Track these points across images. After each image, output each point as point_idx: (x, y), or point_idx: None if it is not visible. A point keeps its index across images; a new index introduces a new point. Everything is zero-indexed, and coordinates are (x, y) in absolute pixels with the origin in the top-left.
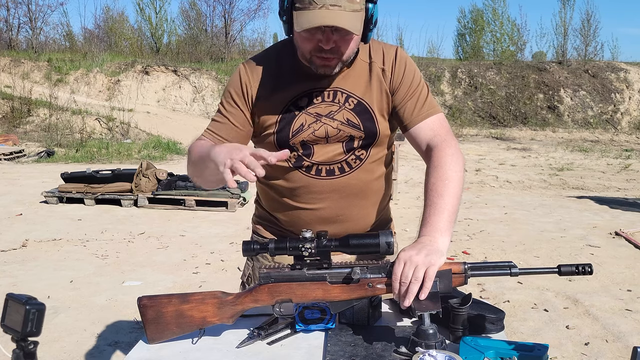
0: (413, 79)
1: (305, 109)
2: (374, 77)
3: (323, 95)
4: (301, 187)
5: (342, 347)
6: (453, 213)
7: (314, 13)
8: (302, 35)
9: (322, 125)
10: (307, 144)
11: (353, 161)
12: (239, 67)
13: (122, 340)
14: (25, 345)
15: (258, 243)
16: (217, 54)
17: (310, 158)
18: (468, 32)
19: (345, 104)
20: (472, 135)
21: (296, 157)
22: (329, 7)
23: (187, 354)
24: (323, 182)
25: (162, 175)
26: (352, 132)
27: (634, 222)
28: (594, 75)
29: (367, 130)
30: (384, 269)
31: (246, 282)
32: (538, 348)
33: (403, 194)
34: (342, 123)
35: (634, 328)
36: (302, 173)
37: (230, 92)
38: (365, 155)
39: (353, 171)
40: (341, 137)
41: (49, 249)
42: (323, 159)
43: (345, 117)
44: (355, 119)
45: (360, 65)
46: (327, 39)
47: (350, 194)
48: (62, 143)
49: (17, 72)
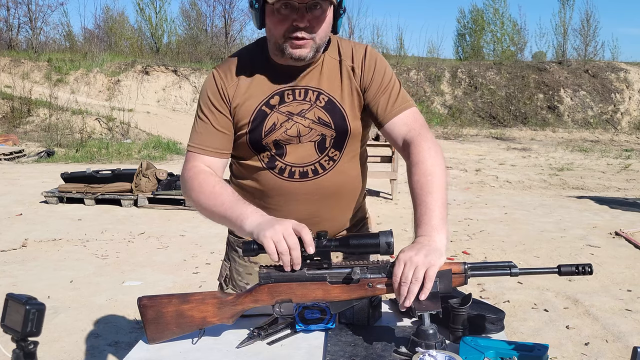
0: (384, 76)
1: (276, 108)
2: (344, 75)
3: (294, 93)
4: (273, 189)
5: (342, 347)
6: (443, 208)
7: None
8: (276, 17)
9: (294, 124)
10: (280, 143)
11: (326, 162)
12: (212, 73)
13: (122, 340)
14: (25, 345)
15: (257, 243)
16: (217, 54)
17: (282, 158)
18: (468, 32)
19: (316, 102)
20: (472, 135)
21: (269, 157)
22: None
23: (187, 354)
24: (296, 185)
25: (162, 175)
26: (323, 131)
27: (634, 222)
28: (594, 75)
29: (338, 127)
30: (384, 269)
31: (223, 283)
32: (538, 348)
33: (403, 194)
34: (314, 121)
35: (634, 328)
36: (275, 175)
37: (208, 97)
38: (339, 156)
39: (326, 173)
40: (313, 135)
41: (49, 249)
42: (296, 160)
43: (317, 115)
44: (326, 116)
45: (329, 63)
46: (302, 17)
47: (323, 195)
48: (62, 143)
49: (17, 72)
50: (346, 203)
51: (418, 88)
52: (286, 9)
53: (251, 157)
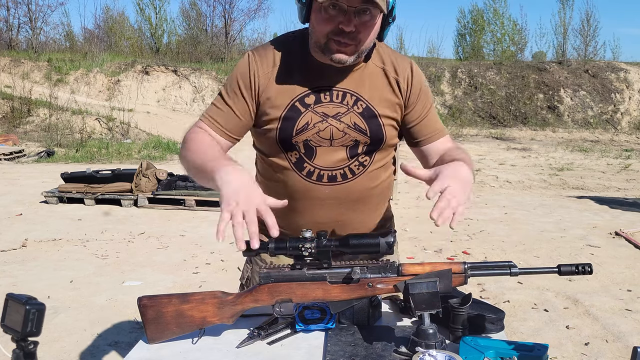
0: (428, 99)
1: (311, 107)
2: (386, 85)
3: (332, 94)
4: (299, 192)
5: (342, 347)
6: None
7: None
8: (322, 15)
9: (328, 125)
10: (310, 144)
11: (356, 167)
12: (248, 55)
13: (122, 340)
14: (25, 345)
15: None
16: (217, 54)
17: (312, 160)
18: (468, 32)
19: (353, 107)
20: (472, 135)
21: (297, 157)
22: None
23: (187, 354)
24: (323, 188)
25: (162, 175)
26: (357, 137)
27: (634, 222)
28: (594, 75)
29: (373, 136)
30: (384, 269)
31: (245, 285)
32: (538, 348)
33: (403, 194)
34: (349, 126)
35: (634, 328)
36: (302, 177)
37: (237, 79)
38: (369, 162)
39: (356, 178)
40: (346, 140)
41: (49, 249)
42: (325, 164)
43: (353, 120)
44: (363, 123)
45: (373, 70)
46: (349, 20)
47: (351, 200)
48: (62, 143)
49: (17, 72)
50: (374, 207)
51: None
52: (334, 9)
53: (278, 154)
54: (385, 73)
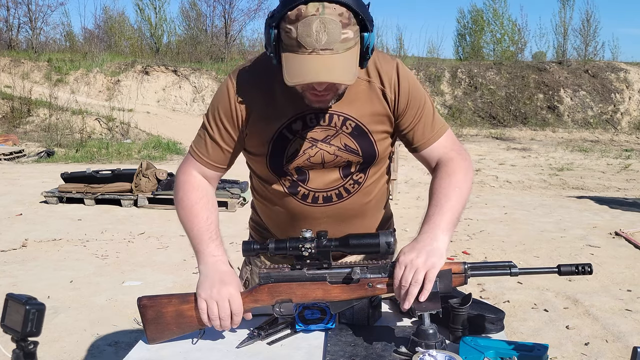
0: (419, 100)
1: (299, 133)
2: (373, 98)
3: (319, 118)
4: (296, 214)
5: (342, 347)
6: (457, 217)
7: (303, 60)
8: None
9: (318, 150)
10: (303, 169)
11: (351, 186)
12: (227, 83)
13: (122, 340)
14: (25, 345)
15: (258, 243)
16: (217, 54)
17: (305, 184)
18: (468, 32)
19: (342, 128)
20: (472, 135)
21: (291, 182)
22: (319, 52)
23: (187, 354)
24: (320, 209)
25: (162, 175)
26: (349, 158)
27: (634, 222)
28: (594, 76)
29: (365, 154)
30: (384, 269)
31: (243, 286)
32: (538, 348)
33: (403, 194)
34: (340, 148)
35: (634, 328)
36: (298, 201)
37: (218, 110)
38: (364, 178)
39: (351, 196)
40: (338, 162)
41: (49, 249)
42: (319, 185)
43: (343, 142)
44: (353, 143)
45: (357, 85)
46: (320, 84)
47: (348, 217)
48: (62, 143)
49: (17, 72)
50: (370, 219)
51: None
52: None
53: (272, 180)
54: (370, 85)
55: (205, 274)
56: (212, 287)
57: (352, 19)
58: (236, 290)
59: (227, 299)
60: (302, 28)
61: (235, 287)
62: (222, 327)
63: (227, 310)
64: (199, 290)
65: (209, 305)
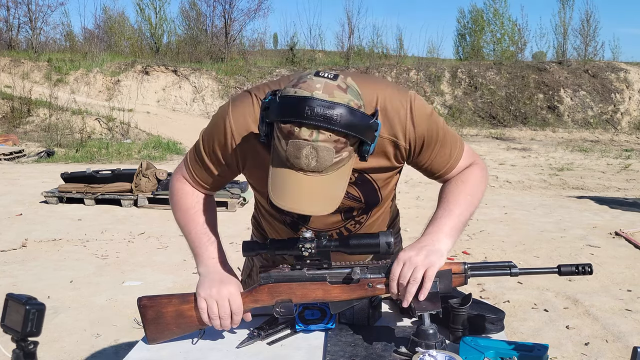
0: (435, 138)
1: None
2: (380, 153)
3: None
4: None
5: (342, 347)
6: (463, 224)
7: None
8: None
9: None
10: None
11: (352, 226)
12: (225, 120)
13: (122, 340)
14: (25, 345)
15: (258, 243)
16: (217, 54)
17: (306, 224)
18: (468, 32)
19: None
20: (472, 135)
21: (292, 221)
22: (307, 173)
23: (187, 354)
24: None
25: (162, 175)
26: (351, 204)
27: (634, 222)
28: (594, 75)
29: (368, 200)
30: (384, 269)
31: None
32: (538, 348)
33: (403, 194)
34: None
35: (634, 328)
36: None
37: (213, 143)
38: (365, 219)
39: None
40: (340, 208)
41: (49, 249)
42: (320, 226)
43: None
44: (356, 191)
45: None
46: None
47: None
48: (62, 143)
49: (17, 72)
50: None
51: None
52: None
53: (273, 213)
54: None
55: (205, 274)
56: (212, 287)
57: (350, 140)
58: (236, 289)
59: (227, 298)
60: (292, 149)
61: (235, 287)
62: (222, 326)
63: (227, 310)
64: (198, 289)
65: (208, 305)
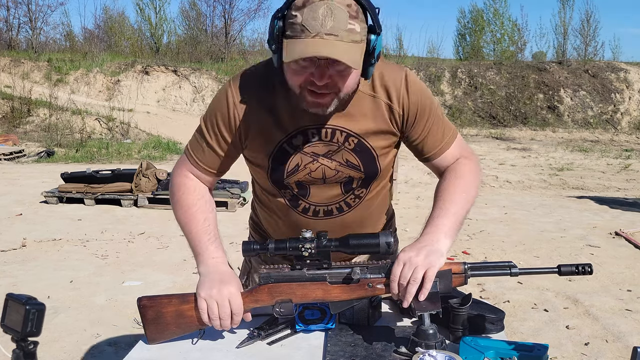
0: (429, 110)
1: (300, 148)
2: (377, 115)
3: (320, 133)
4: (297, 225)
5: (342, 347)
6: (460, 222)
7: (306, 42)
8: (292, 67)
9: (319, 165)
10: (303, 184)
11: (352, 200)
12: (227, 91)
13: (122, 340)
14: (25, 345)
15: (258, 243)
16: (217, 54)
17: (306, 198)
18: (468, 32)
19: (344, 144)
20: (472, 135)
21: (292, 195)
22: (324, 36)
23: (187, 354)
24: (321, 222)
25: (162, 175)
26: (351, 173)
27: (634, 222)
28: (594, 75)
29: (367, 170)
30: (384, 269)
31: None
32: (538, 348)
33: (403, 194)
34: (341, 164)
35: (634, 328)
36: (299, 214)
37: (216, 117)
38: (365, 193)
39: (352, 209)
40: (339, 177)
41: (49, 249)
42: (320, 200)
43: (345, 157)
44: (355, 159)
45: (362, 99)
46: (322, 74)
47: (347, 228)
48: (62, 143)
49: (17, 72)
50: (373, 226)
51: None
52: (305, 60)
53: (273, 191)
54: (375, 101)
55: (205, 274)
56: (212, 287)
57: (361, 15)
58: (236, 289)
59: (227, 298)
60: (308, 12)
61: (236, 287)
62: (222, 326)
63: (227, 310)
64: (199, 290)
65: (209, 305)
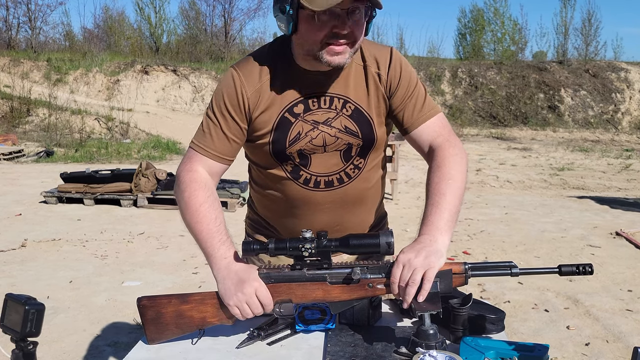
0: (410, 81)
1: (301, 116)
2: (370, 82)
3: (319, 101)
4: (298, 199)
5: (342, 348)
6: (455, 213)
7: None
8: (315, 23)
9: (319, 133)
10: (304, 153)
11: (351, 171)
12: (231, 73)
13: (121, 340)
14: (25, 345)
15: (258, 243)
16: (217, 54)
17: (307, 168)
18: (468, 31)
19: (342, 110)
20: (472, 135)
21: (293, 167)
22: None
23: (187, 354)
24: (321, 194)
25: (162, 175)
26: (350, 140)
27: (635, 222)
28: (595, 75)
29: (365, 136)
30: (384, 269)
31: None
32: (538, 348)
33: (403, 194)
34: (340, 130)
35: (635, 328)
36: (300, 185)
37: (224, 99)
38: (364, 164)
39: (352, 181)
40: (339, 145)
41: (49, 249)
42: (321, 169)
43: (343, 123)
44: (354, 125)
45: (355, 69)
46: (344, 23)
47: (348, 203)
48: (61, 143)
49: (17, 71)
50: (369, 208)
51: None
52: (325, 14)
53: (274, 166)
54: (367, 70)
55: (222, 280)
56: (237, 291)
57: None
58: (259, 283)
59: (253, 295)
60: None
61: (257, 280)
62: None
63: (258, 306)
64: (225, 298)
65: (241, 309)
